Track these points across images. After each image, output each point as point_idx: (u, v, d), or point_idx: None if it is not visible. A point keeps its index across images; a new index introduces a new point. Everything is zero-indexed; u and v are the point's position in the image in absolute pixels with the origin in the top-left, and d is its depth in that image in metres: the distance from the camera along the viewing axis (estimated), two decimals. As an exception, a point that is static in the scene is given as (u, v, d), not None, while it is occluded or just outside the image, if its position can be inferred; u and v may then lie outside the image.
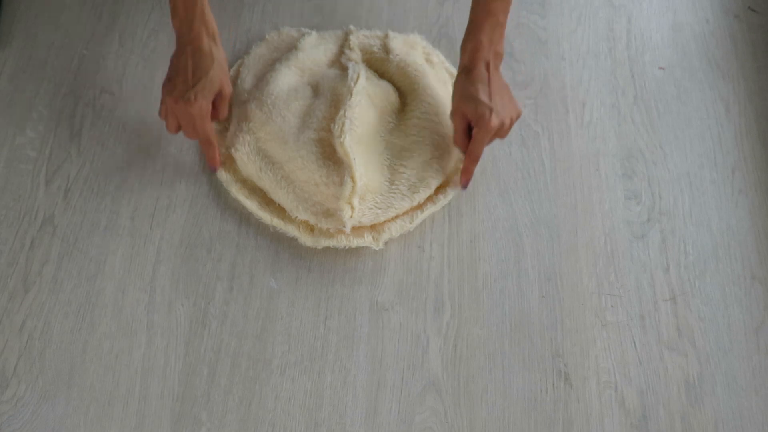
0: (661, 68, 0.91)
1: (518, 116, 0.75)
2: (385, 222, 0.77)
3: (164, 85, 0.75)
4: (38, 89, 0.86)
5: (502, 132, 0.74)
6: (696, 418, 0.70)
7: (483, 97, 0.72)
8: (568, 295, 0.76)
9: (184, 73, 0.73)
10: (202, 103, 0.73)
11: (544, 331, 0.74)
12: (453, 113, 0.76)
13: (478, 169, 0.82)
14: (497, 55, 0.74)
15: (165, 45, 0.90)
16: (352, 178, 0.74)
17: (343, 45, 0.88)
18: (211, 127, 0.77)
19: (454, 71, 0.88)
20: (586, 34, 0.93)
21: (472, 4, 0.74)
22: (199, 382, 0.71)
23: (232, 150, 0.80)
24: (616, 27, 0.94)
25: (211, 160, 0.79)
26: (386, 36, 0.88)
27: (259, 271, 0.76)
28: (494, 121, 0.72)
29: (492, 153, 0.84)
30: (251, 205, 0.78)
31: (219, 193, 0.80)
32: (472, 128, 0.75)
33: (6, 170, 0.81)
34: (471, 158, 0.76)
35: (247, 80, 0.84)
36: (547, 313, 0.75)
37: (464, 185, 0.79)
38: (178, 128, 0.76)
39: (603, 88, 0.89)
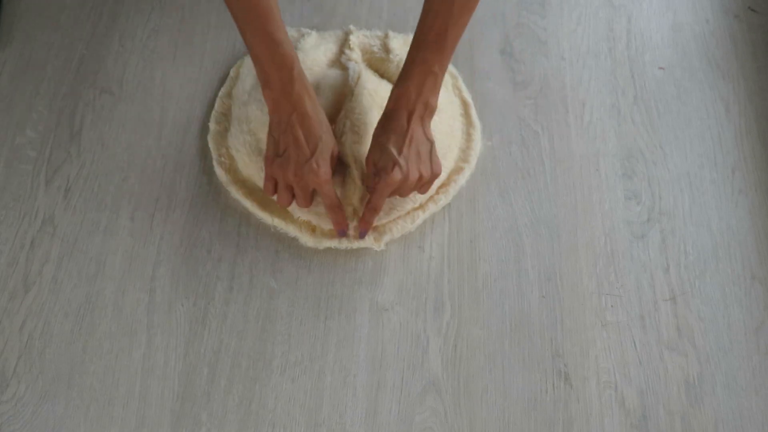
0: (661, 68, 0.91)
1: (434, 176, 0.72)
2: (386, 223, 0.77)
3: (271, 161, 0.71)
4: (38, 89, 0.86)
5: (407, 187, 0.70)
6: (696, 418, 0.70)
7: (392, 148, 0.69)
8: (568, 295, 0.76)
9: (295, 144, 0.69)
10: (326, 169, 0.70)
11: (544, 331, 0.74)
12: (366, 157, 0.72)
13: (478, 169, 0.82)
14: (427, 107, 0.70)
15: (165, 45, 0.90)
16: (353, 179, 0.74)
17: (343, 45, 0.88)
18: (335, 190, 0.73)
19: (454, 71, 0.88)
20: (586, 34, 0.93)
21: (408, 50, 0.71)
22: (199, 382, 0.71)
23: (234, 151, 0.80)
24: (616, 27, 0.94)
25: (339, 224, 0.74)
26: (386, 36, 0.88)
27: (259, 271, 0.76)
28: (396, 176, 0.68)
29: (492, 153, 0.84)
30: (252, 205, 0.78)
31: (219, 193, 0.80)
32: None
33: (6, 170, 0.81)
34: (369, 208, 0.72)
35: (248, 81, 0.84)
36: (547, 313, 0.75)
37: (360, 235, 0.74)
38: (292, 199, 0.73)
39: (603, 88, 0.89)
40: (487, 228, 0.79)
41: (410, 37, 0.89)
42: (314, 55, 0.86)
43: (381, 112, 0.80)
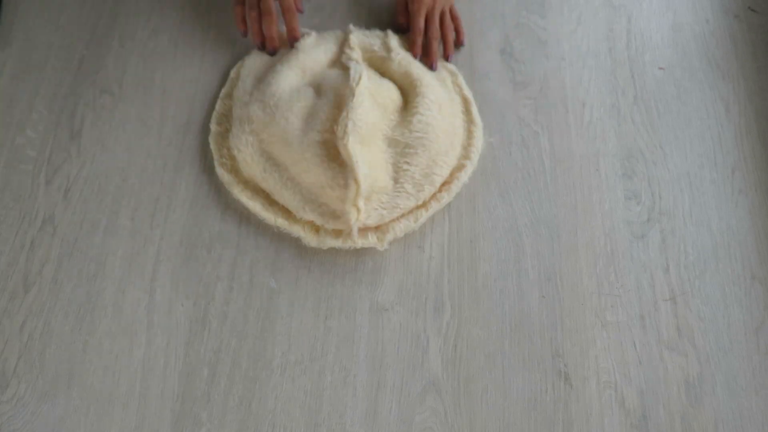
0: (661, 68, 0.91)
1: (449, 5, 0.88)
2: (389, 222, 0.77)
3: None
4: (38, 89, 0.86)
5: (437, 6, 0.85)
6: (696, 418, 0.70)
7: None
8: (568, 295, 0.76)
9: None
10: None
11: (544, 331, 0.74)
12: None
13: (477, 169, 0.82)
14: None
15: (165, 45, 0.90)
16: (356, 180, 0.74)
17: (344, 44, 0.88)
18: None
19: (453, 68, 0.88)
20: (586, 34, 0.93)
21: None
22: (199, 382, 0.71)
23: (235, 151, 0.80)
24: (616, 27, 0.94)
25: (293, 31, 0.85)
26: (386, 35, 0.88)
27: (259, 271, 0.76)
28: None
29: (492, 153, 0.84)
30: (254, 206, 0.78)
31: (219, 193, 0.80)
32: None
33: (6, 170, 0.81)
34: (414, 30, 0.86)
35: (248, 82, 0.84)
36: (547, 313, 0.75)
37: (415, 55, 0.86)
38: (258, 15, 0.85)
39: (603, 88, 0.89)
40: (487, 228, 0.79)
41: (408, 37, 0.90)
42: (315, 54, 0.86)
43: (383, 112, 0.80)
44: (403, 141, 0.79)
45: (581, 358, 0.73)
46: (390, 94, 0.82)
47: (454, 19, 0.89)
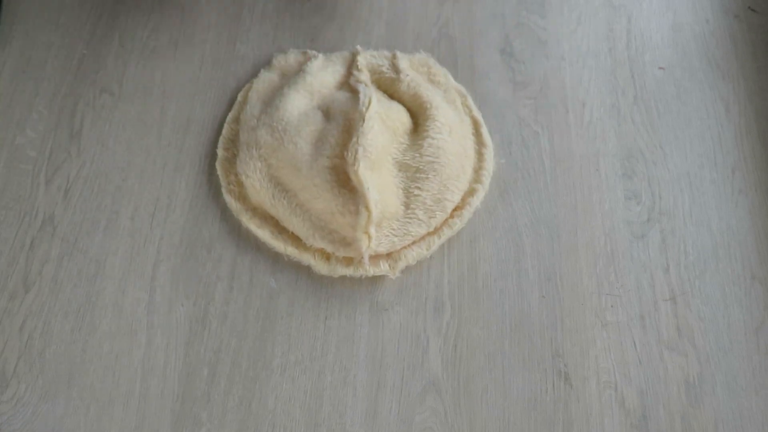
0: (661, 68, 0.91)
1: None
2: (401, 249, 0.76)
3: None
4: (38, 89, 0.86)
5: None
6: (696, 418, 0.70)
7: None
8: (568, 295, 0.76)
9: None
10: None
11: (544, 331, 0.74)
12: None
13: (478, 169, 0.82)
14: None
15: (165, 45, 0.90)
16: (367, 207, 0.72)
17: (351, 66, 0.87)
18: None
19: (462, 89, 0.87)
20: (586, 34, 0.93)
21: None
22: (199, 382, 0.71)
23: (243, 177, 0.79)
24: (616, 27, 0.94)
25: None
26: (394, 56, 0.87)
27: (259, 271, 0.76)
28: None
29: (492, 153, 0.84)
30: (263, 234, 0.77)
31: (219, 193, 0.80)
32: None
33: (6, 170, 0.81)
34: None
35: (256, 106, 0.83)
36: (547, 313, 0.75)
37: None
38: None
39: (603, 88, 0.89)
40: (487, 228, 0.79)
41: (416, 57, 0.88)
42: (322, 77, 0.84)
43: (393, 136, 0.79)
44: (414, 165, 0.78)
45: (581, 358, 0.73)
46: (399, 116, 0.81)
47: None
